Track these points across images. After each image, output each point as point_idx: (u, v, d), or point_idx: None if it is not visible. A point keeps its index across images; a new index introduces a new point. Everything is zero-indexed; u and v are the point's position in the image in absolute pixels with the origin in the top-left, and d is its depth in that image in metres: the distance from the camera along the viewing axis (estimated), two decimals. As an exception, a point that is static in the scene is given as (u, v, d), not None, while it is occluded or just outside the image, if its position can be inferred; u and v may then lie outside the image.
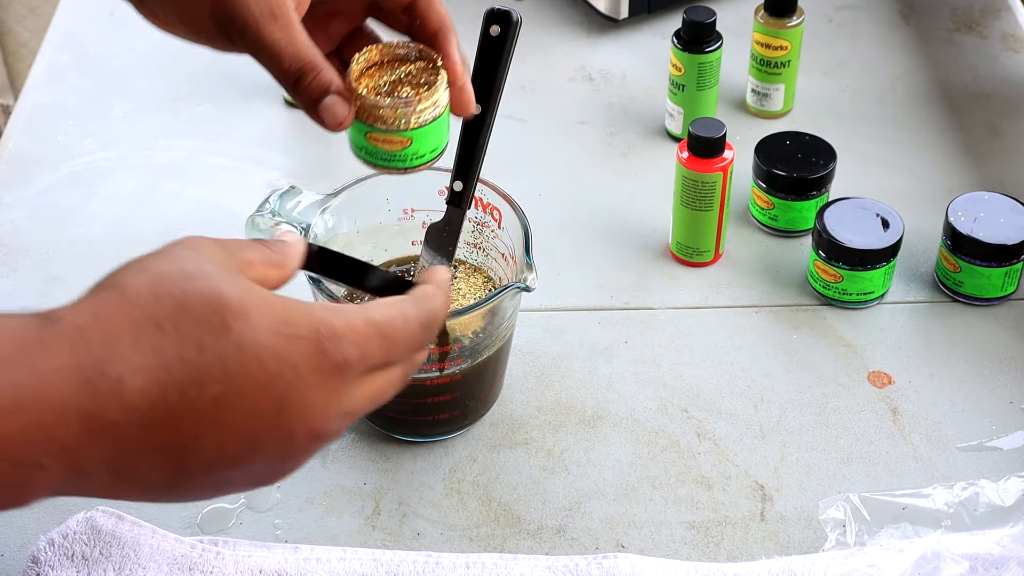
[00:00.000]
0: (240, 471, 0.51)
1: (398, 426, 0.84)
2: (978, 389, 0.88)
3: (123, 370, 0.47)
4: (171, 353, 0.48)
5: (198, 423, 0.49)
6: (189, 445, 0.49)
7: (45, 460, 0.47)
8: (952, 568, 0.73)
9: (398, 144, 0.66)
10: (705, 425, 0.85)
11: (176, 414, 0.48)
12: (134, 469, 0.49)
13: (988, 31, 1.21)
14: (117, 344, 0.48)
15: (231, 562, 0.75)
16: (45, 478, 0.48)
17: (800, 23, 1.06)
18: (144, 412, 0.48)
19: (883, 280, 0.92)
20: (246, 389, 0.49)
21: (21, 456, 0.46)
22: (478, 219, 0.84)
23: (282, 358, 0.50)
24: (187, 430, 0.49)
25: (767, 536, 0.78)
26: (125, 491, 0.50)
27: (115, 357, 0.48)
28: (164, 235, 1.05)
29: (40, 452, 0.47)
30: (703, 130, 0.91)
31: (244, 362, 0.49)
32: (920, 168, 1.06)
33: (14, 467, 0.46)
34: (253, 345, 0.49)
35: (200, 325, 0.49)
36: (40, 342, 0.48)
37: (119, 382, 0.47)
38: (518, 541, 0.78)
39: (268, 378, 0.50)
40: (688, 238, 0.96)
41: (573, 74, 1.17)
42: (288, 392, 0.50)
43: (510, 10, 0.70)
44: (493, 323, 0.79)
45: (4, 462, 0.46)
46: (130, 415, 0.48)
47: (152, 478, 0.50)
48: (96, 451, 0.48)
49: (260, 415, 0.50)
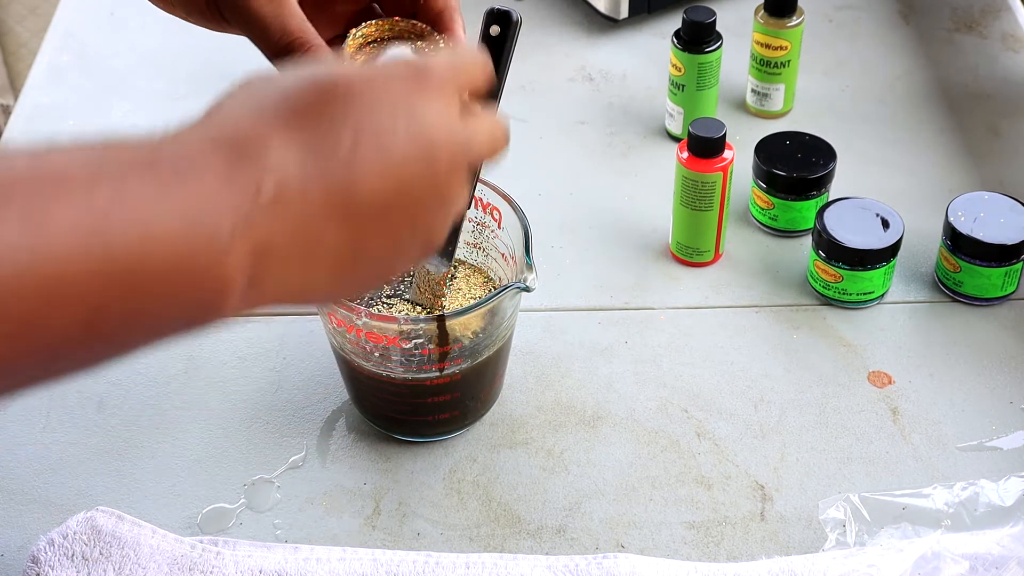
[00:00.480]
0: (403, 210, 0.52)
1: (398, 426, 0.84)
2: (978, 389, 0.88)
3: (264, 139, 0.49)
4: (302, 118, 0.50)
5: (348, 165, 0.50)
6: (349, 188, 0.50)
7: (226, 232, 0.47)
8: (952, 568, 0.73)
9: None
10: (705, 425, 0.85)
11: (325, 166, 0.50)
12: (313, 235, 0.50)
13: (988, 31, 1.21)
14: (249, 123, 0.49)
15: (231, 562, 0.75)
16: (235, 263, 0.47)
17: (800, 23, 1.06)
18: (296, 174, 0.49)
19: (883, 280, 0.92)
20: (373, 109, 0.51)
21: (202, 222, 0.46)
22: (478, 219, 0.84)
23: (390, 78, 0.53)
24: (338, 174, 0.50)
25: (767, 536, 0.78)
26: (313, 270, 0.51)
27: (253, 134, 0.49)
28: (164, 235, 1.05)
29: (217, 217, 0.47)
30: (703, 130, 0.91)
31: (361, 93, 0.51)
32: (920, 168, 1.06)
33: (206, 255, 0.47)
34: (361, 81, 0.52)
35: (318, 93, 0.51)
36: (175, 140, 0.49)
37: (263, 148, 0.49)
38: (518, 541, 0.78)
39: (389, 97, 0.52)
40: (688, 238, 0.96)
41: (573, 74, 1.17)
42: (411, 101, 0.52)
43: (510, 10, 0.70)
44: (493, 323, 0.79)
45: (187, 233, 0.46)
46: (286, 178, 0.49)
47: (331, 241, 0.50)
48: (270, 221, 0.48)
49: (395, 130, 0.52)
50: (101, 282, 0.44)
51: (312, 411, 0.86)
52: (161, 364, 0.89)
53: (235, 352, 0.90)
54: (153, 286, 0.46)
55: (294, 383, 0.88)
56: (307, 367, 0.89)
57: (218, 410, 0.86)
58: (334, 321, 0.78)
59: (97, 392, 0.87)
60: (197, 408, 0.87)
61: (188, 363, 0.90)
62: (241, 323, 0.92)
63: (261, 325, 0.92)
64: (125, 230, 0.45)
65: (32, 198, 0.43)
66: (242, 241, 0.47)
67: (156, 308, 0.47)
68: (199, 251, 0.46)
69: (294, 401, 0.87)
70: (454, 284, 0.85)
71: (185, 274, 0.46)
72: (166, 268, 0.46)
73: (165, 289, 0.46)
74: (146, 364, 0.89)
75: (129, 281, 0.45)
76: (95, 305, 0.44)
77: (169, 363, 0.90)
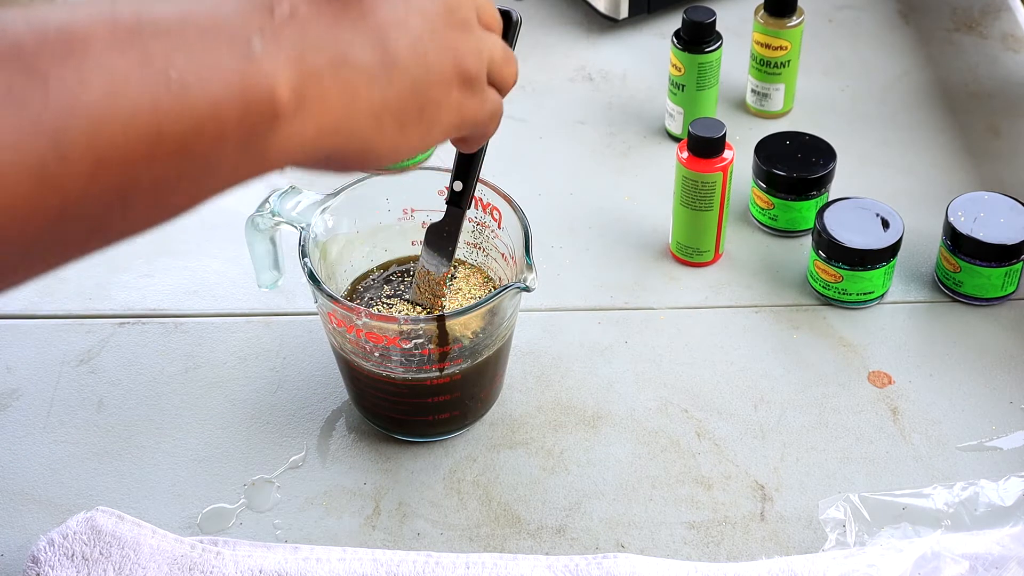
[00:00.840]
0: (421, 16, 0.54)
1: (398, 426, 0.84)
2: (978, 389, 0.88)
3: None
4: None
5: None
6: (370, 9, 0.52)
7: (256, 43, 0.47)
8: (952, 568, 0.73)
9: None
10: (705, 425, 0.85)
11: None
12: (339, 48, 0.51)
13: (988, 31, 1.21)
14: None
15: (231, 562, 0.75)
16: (272, 70, 0.48)
17: (800, 23, 1.06)
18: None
19: (883, 280, 0.92)
20: None
21: (231, 34, 0.47)
22: (478, 219, 0.84)
23: None
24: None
25: (767, 536, 0.78)
26: (350, 90, 0.51)
27: None
28: (164, 235, 1.05)
29: (244, 31, 0.47)
30: (703, 130, 0.91)
31: None
32: (920, 168, 1.06)
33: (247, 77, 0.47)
34: None
35: None
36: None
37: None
38: (518, 541, 0.78)
39: None
40: (688, 238, 0.96)
41: (573, 74, 1.17)
42: None
43: (510, 10, 0.70)
44: (493, 323, 0.79)
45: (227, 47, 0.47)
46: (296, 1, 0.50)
47: (359, 57, 0.51)
48: (292, 33, 0.49)
49: None
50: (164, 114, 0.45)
51: (312, 411, 0.86)
52: (161, 364, 0.89)
53: (235, 352, 0.90)
54: (205, 109, 0.46)
55: (294, 383, 0.88)
56: (307, 367, 0.89)
57: (218, 410, 0.86)
58: (334, 321, 0.78)
59: (97, 392, 0.87)
60: (197, 408, 0.87)
61: (188, 363, 0.90)
62: (241, 323, 0.92)
63: (261, 325, 0.92)
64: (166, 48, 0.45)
65: (108, 49, 0.43)
66: (273, 48, 0.48)
67: (213, 137, 0.47)
68: (237, 57, 0.47)
69: (294, 401, 0.87)
70: (454, 284, 0.85)
71: (231, 87, 0.46)
72: (215, 85, 0.46)
73: (218, 113, 0.46)
74: (146, 364, 0.89)
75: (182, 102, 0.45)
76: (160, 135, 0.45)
77: (169, 363, 0.90)
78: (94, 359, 0.90)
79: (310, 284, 0.77)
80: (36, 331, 0.92)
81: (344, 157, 0.53)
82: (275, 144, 0.49)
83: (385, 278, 0.87)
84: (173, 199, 0.47)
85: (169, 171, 0.45)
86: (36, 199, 0.42)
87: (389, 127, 0.54)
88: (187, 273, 0.97)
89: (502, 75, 0.61)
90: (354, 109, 0.52)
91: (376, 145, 0.54)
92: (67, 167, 0.42)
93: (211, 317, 0.93)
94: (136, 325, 0.92)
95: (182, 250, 0.99)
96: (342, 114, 0.51)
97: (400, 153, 0.56)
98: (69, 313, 0.93)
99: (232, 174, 0.49)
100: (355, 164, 0.55)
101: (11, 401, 0.87)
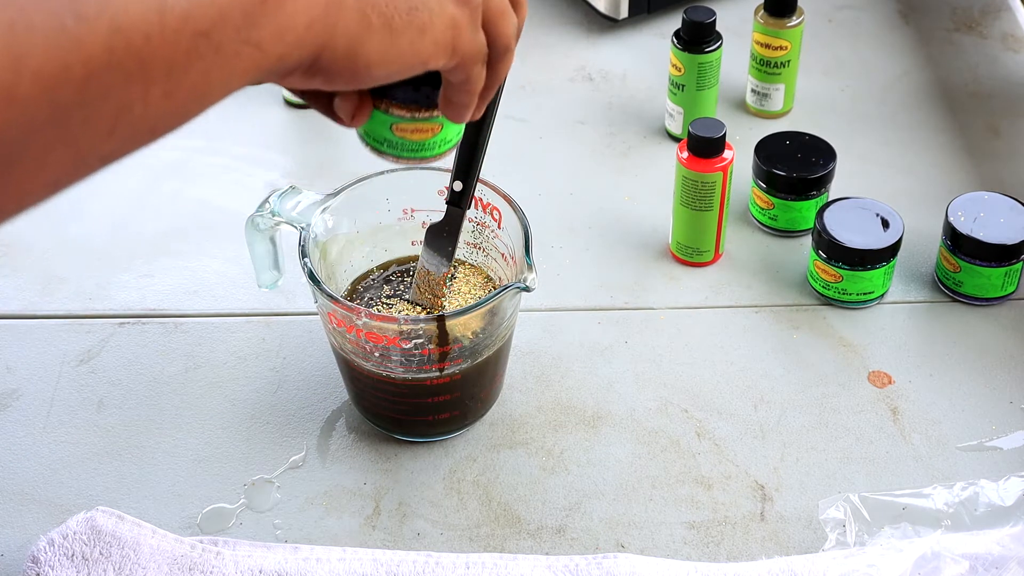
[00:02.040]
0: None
1: (398, 426, 0.84)
2: (978, 389, 0.88)
3: None
4: None
5: None
6: None
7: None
8: (952, 568, 0.73)
9: (429, 132, 0.64)
10: (705, 425, 0.85)
11: None
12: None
13: (988, 31, 1.21)
14: None
15: (231, 562, 0.75)
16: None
17: (800, 23, 1.06)
18: None
19: (883, 280, 0.92)
20: None
21: None
22: (478, 219, 0.84)
23: None
24: None
25: (767, 536, 0.78)
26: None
27: None
28: (164, 235, 1.05)
29: None
30: (703, 130, 0.91)
31: None
32: (920, 168, 1.06)
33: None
34: None
35: None
36: None
37: None
38: (518, 541, 0.78)
39: None
40: (688, 238, 0.96)
41: (573, 74, 1.17)
42: None
43: None
44: (493, 323, 0.79)
45: None
46: None
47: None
48: None
49: None
50: None
51: (312, 411, 0.86)
52: (161, 364, 0.89)
53: (235, 352, 0.90)
54: None
55: (294, 383, 0.88)
56: (307, 367, 0.89)
57: (218, 410, 0.86)
58: (334, 321, 0.78)
59: (97, 392, 0.87)
60: (197, 408, 0.87)
61: (188, 363, 0.90)
62: (241, 323, 0.92)
63: (261, 325, 0.92)
64: None
65: None
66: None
67: (214, 18, 0.47)
68: None
69: (294, 401, 0.87)
70: (454, 284, 0.85)
71: None
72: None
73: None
74: (146, 364, 0.89)
75: None
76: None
77: (169, 363, 0.90)
78: (94, 359, 0.90)
79: (310, 284, 0.77)
80: (36, 331, 0.92)
81: (332, 60, 0.53)
82: (268, 31, 0.49)
83: (385, 278, 0.87)
84: (186, 80, 0.47)
85: (178, 51, 0.46)
86: (60, 62, 0.42)
87: (377, 24, 0.53)
88: (187, 273, 0.97)
89: (496, 27, 0.59)
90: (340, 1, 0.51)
91: (364, 46, 0.53)
92: (86, 26, 0.43)
93: (211, 317, 0.93)
94: (136, 325, 0.92)
95: (182, 250, 0.99)
96: (329, 2, 0.51)
97: (390, 62, 0.54)
98: (69, 313, 0.93)
99: (235, 60, 0.49)
100: (345, 72, 0.54)
101: (11, 401, 0.87)
